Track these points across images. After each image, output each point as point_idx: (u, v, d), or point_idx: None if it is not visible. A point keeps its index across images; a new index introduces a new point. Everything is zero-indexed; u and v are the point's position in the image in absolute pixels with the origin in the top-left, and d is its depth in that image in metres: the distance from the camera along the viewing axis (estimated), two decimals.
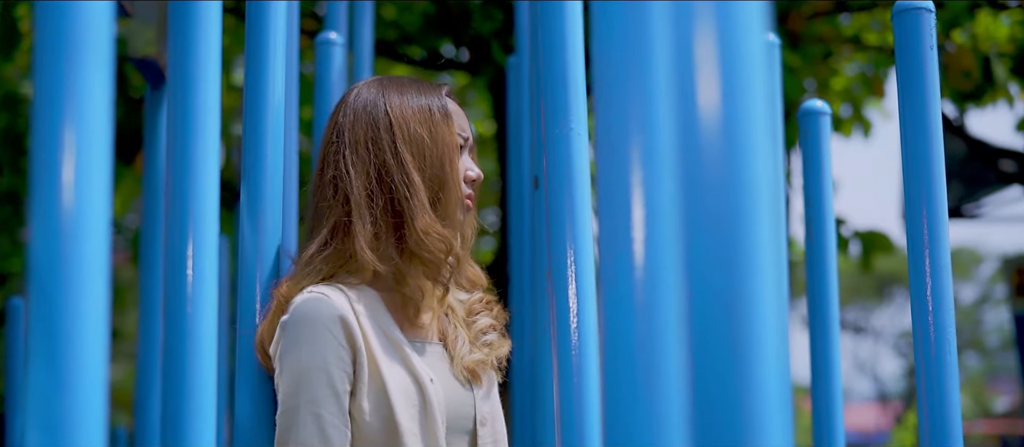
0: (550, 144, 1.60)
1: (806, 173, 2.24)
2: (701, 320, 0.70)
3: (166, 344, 1.31)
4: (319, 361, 1.62)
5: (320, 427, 1.60)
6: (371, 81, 1.82)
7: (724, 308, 0.69)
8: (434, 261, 1.74)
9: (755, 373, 0.67)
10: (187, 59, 1.34)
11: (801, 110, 2.26)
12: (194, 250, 1.32)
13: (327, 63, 2.49)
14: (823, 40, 6.12)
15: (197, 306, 1.31)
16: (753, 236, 0.70)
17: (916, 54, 1.73)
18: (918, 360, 1.70)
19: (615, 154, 0.77)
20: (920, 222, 1.70)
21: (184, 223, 1.32)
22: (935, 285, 1.68)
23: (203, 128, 1.34)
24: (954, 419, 1.68)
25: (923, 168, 1.71)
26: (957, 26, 5.55)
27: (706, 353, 0.69)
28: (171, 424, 1.29)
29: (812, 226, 2.22)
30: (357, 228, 1.71)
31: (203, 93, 1.34)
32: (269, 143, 1.78)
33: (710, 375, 0.68)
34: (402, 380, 1.69)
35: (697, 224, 0.71)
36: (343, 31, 2.92)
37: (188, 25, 1.34)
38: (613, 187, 0.78)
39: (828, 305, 2.21)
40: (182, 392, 1.30)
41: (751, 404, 0.67)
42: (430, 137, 1.75)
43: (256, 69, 1.77)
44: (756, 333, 0.68)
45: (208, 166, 1.34)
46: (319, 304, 1.66)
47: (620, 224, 0.77)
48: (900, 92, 1.73)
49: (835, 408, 2.21)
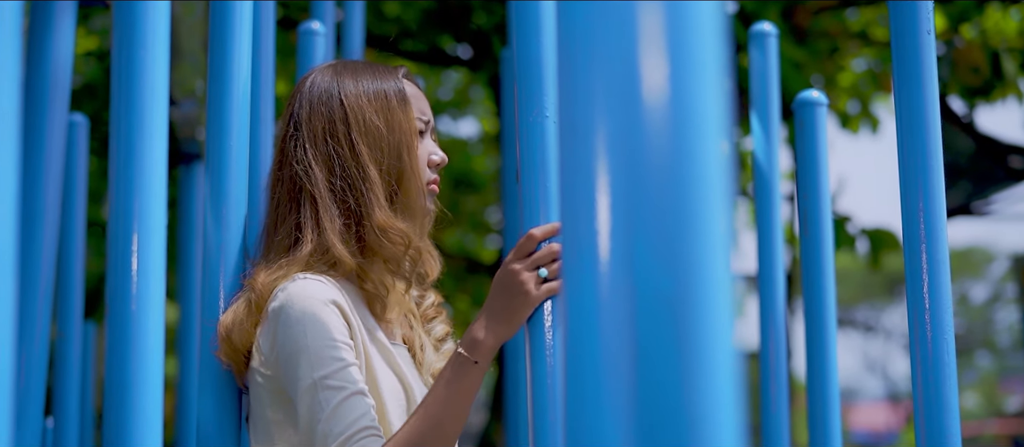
0: (524, 131, 1.54)
1: (802, 165, 2.19)
2: (645, 314, 0.64)
3: (110, 343, 1.24)
4: (325, 337, 1.57)
5: (342, 398, 1.55)
6: (325, 68, 1.78)
7: (667, 299, 0.63)
8: (394, 257, 1.70)
9: (700, 364, 0.61)
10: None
11: (797, 101, 2.20)
12: (139, 244, 1.25)
13: (309, 53, 2.44)
14: (830, 35, 6.06)
15: (141, 304, 1.24)
16: (699, 225, 0.66)
17: (912, 37, 1.65)
18: (914, 360, 1.62)
19: (575, 139, 0.72)
20: (916, 214, 1.62)
21: (129, 214, 1.25)
22: (932, 280, 1.60)
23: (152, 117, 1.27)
24: (952, 424, 1.60)
25: (919, 155, 1.63)
26: (966, 21, 5.48)
27: (649, 347, 0.64)
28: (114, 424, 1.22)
29: (808, 220, 2.16)
30: (325, 222, 1.66)
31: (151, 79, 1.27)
32: (234, 132, 1.72)
33: (653, 368, 0.64)
34: (389, 378, 1.66)
35: (639, 213, 0.67)
36: (331, 22, 2.87)
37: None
38: (573, 176, 0.73)
39: (824, 300, 2.15)
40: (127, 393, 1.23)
41: (697, 400, 0.60)
42: (387, 126, 1.71)
43: (220, 57, 1.72)
44: (702, 326, 0.63)
45: (155, 154, 1.27)
46: (315, 287, 1.61)
47: (582, 217, 0.71)
48: (896, 77, 1.65)
49: (831, 406, 2.15)
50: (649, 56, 0.68)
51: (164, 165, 1.28)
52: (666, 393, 0.63)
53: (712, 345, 0.62)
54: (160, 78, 1.28)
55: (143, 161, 1.27)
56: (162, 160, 1.28)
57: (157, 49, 1.29)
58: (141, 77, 1.28)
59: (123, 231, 1.26)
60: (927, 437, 1.62)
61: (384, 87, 1.74)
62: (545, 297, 1.57)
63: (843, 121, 6.78)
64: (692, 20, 0.68)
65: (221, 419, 1.67)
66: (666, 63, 0.68)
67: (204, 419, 1.66)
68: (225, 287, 1.70)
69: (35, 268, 2.04)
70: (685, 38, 0.68)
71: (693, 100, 0.67)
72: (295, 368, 1.57)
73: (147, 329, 1.25)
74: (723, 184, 0.67)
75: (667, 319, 0.63)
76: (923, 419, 1.62)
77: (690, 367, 0.62)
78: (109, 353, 1.25)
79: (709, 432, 0.61)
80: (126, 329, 1.25)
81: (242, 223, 1.73)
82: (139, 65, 1.27)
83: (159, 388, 1.25)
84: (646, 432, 0.63)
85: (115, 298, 1.26)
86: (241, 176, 1.73)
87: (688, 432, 0.61)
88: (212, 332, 1.69)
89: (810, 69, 5.91)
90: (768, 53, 2.46)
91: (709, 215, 0.65)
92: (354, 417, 1.54)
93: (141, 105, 1.27)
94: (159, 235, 1.27)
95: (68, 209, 2.60)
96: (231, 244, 1.71)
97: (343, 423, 1.54)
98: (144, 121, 1.27)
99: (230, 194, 1.71)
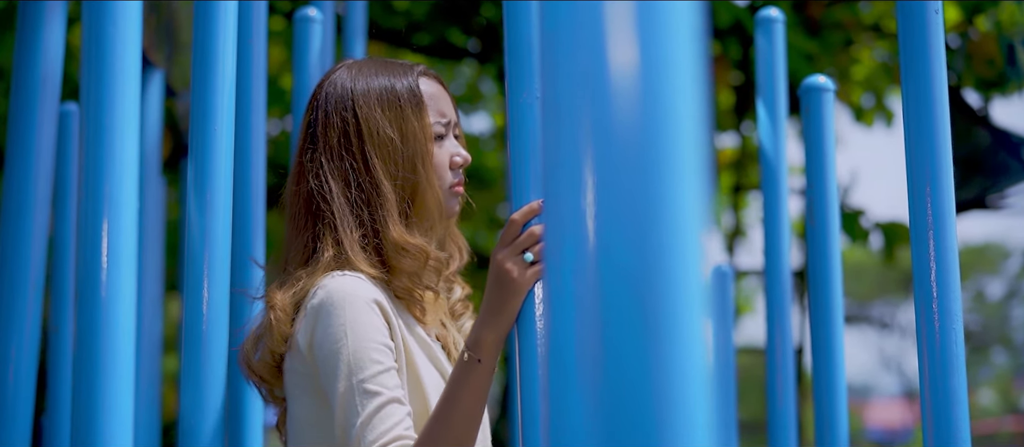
0: (513, 113, 1.50)
1: (808, 152, 2.14)
2: (614, 296, 0.62)
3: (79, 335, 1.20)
4: (365, 338, 1.56)
5: (378, 404, 1.53)
6: (340, 72, 1.75)
7: (640, 279, 0.60)
8: (413, 271, 1.68)
9: (670, 357, 0.56)
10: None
11: (803, 86, 2.15)
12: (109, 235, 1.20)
13: (305, 40, 2.40)
14: (843, 27, 6.00)
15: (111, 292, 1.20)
16: (671, 205, 0.63)
17: (920, 20, 1.59)
18: (921, 355, 1.57)
19: (559, 126, 0.71)
20: (924, 199, 1.57)
21: (99, 209, 1.21)
22: (939, 268, 1.55)
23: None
24: (961, 417, 1.55)
25: (927, 138, 1.58)
26: (981, 13, 5.42)
27: (617, 326, 0.62)
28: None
29: (814, 208, 2.11)
30: (343, 236, 1.65)
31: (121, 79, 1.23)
32: (219, 119, 1.67)
33: (620, 345, 0.62)
34: (431, 373, 1.65)
35: (609, 199, 0.66)
36: (330, 10, 2.83)
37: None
38: (555, 156, 0.71)
39: (831, 291, 2.11)
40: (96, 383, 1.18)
41: (666, 392, 0.56)
42: (401, 136, 1.69)
43: (204, 41, 1.68)
44: (672, 318, 0.60)
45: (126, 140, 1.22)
46: (357, 284, 1.60)
47: (564, 198, 0.70)
48: (902, 59, 1.60)
49: (838, 400, 2.10)
50: (622, 36, 0.67)
51: (135, 151, 1.23)
52: (634, 377, 0.60)
53: (680, 323, 0.60)
54: (131, 62, 1.24)
55: (113, 147, 1.23)
56: (133, 146, 1.24)
57: (128, 33, 1.24)
58: (111, 60, 1.24)
59: (93, 218, 1.22)
60: (935, 434, 1.57)
61: (399, 93, 1.71)
62: (534, 281, 1.53)
63: (857, 115, 6.72)
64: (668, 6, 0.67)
65: (203, 413, 1.63)
66: (639, 44, 0.67)
67: (186, 413, 1.62)
68: (209, 275, 1.65)
69: (25, 260, 2.01)
70: (661, 21, 0.67)
71: (667, 80, 0.66)
72: (334, 368, 1.56)
73: (117, 317, 1.21)
74: (698, 159, 0.64)
75: (636, 300, 0.61)
76: (931, 416, 1.57)
77: (658, 345, 0.60)
78: (79, 343, 1.21)
79: (679, 417, 0.57)
80: (95, 316, 1.21)
81: (227, 211, 1.69)
82: (109, 47, 1.23)
83: (129, 378, 1.21)
84: (615, 415, 0.61)
85: (85, 286, 1.21)
86: (226, 163, 1.68)
87: (656, 415, 0.57)
88: (197, 323, 1.65)
89: (823, 62, 5.85)
90: (774, 39, 2.41)
91: (682, 194, 0.63)
92: (388, 425, 1.53)
93: (112, 89, 1.23)
94: (130, 222, 1.23)
95: (61, 200, 2.57)
96: (215, 232, 1.66)
97: (376, 431, 1.52)
98: (115, 105, 1.23)
99: (214, 181, 1.67)
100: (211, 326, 1.64)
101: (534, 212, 1.54)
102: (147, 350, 2.85)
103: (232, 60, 1.71)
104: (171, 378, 6.76)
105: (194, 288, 1.65)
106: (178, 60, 3.29)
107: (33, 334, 2.02)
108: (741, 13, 5.03)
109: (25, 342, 2.00)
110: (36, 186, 2.04)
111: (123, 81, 1.25)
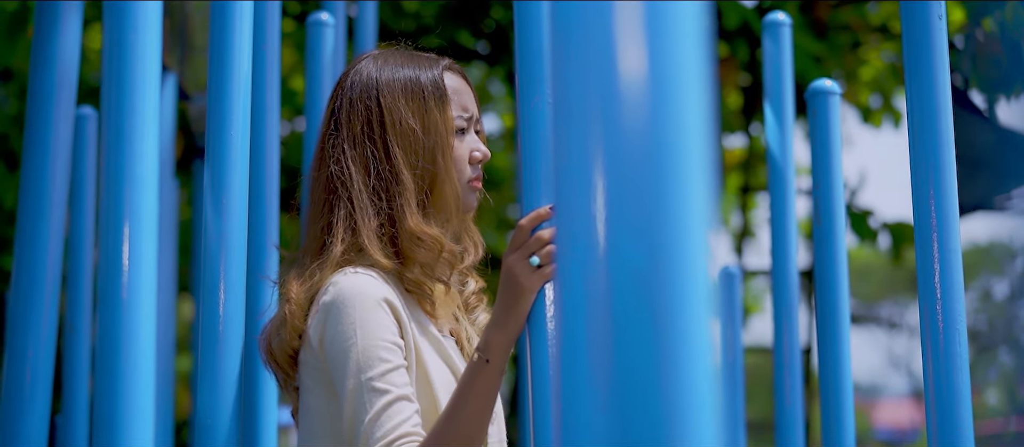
0: (525, 115, 1.51)
1: (815, 154, 2.16)
2: (622, 294, 0.63)
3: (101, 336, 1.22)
4: (374, 336, 1.57)
5: (386, 402, 1.54)
6: (366, 61, 1.76)
7: (647, 278, 0.61)
8: (428, 262, 1.69)
9: (678, 357, 0.58)
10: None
11: (810, 89, 2.17)
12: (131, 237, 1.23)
13: (318, 44, 2.42)
14: (850, 29, 6.01)
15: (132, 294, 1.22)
16: (678, 214, 0.65)
17: (924, 23, 1.61)
18: (925, 355, 1.58)
19: (569, 128, 0.72)
20: (928, 204, 1.58)
21: (119, 211, 1.23)
22: (944, 271, 1.57)
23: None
24: (965, 419, 1.56)
25: (930, 138, 1.59)
26: (987, 14, 5.42)
27: (627, 324, 0.63)
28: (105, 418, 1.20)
29: (821, 209, 2.12)
30: (360, 223, 1.66)
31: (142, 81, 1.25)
32: (235, 120, 1.70)
33: (630, 344, 0.63)
34: (441, 371, 1.66)
35: (618, 200, 0.67)
36: (342, 14, 2.85)
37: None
38: (567, 158, 0.73)
39: (838, 291, 2.12)
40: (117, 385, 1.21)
41: (674, 390, 0.58)
42: (422, 127, 1.70)
43: (220, 42, 1.70)
44: (680, 318, 0.62)
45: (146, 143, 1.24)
46: (367, 282, 1.61)
47: (575, 200, 0.71)
48: (907, 62, 1.62)
49: (845, 400, 2.12)
50: (631, 39, 0.68)
51: (155, 154, 1.26)
52: (643, 377, 0.61)
53: (688, 324, 0.61)
54: (152, 66, 1.26)
55: (134, 150, 1.25)
56: (153, 149, 1.26)
57: (149, 36, 1.27)
58: (132, 65, 1.26)
59: (114, 220, 1.25)
60: (939, 433, 1.58)
61: (423, 85, 1.72)
62: (541, 284, 1.55)
63: (865, 116, 6.72)
64: (675, 8, 0.69)
65: (218, 412, 1.66)
66: (647, 47, 0.68)
67: (201, 412, 1.65)
68: (225, 276, 1.68)
69: (41, 261, 2.03)
70: (669, 23, 0.68)
71: (676, 83, 0.67)
72: (343, 365, 1.57)
73: (138, 319, 1.23)
74: (706, 161, 0.65)
75: (644, 299, 0.62)
76: (935, 416, 1.59)
77: (666, 345, 0.61)
78: (100, 343, 1.23)
79: (687, 417, 0.59)
80: (117, 318, 1.23)
81: (243, 212, 1.71)
82: (130, 52, 1.25)
83: (150, 378, 1.23)
84: (625, 415, 0.62)
85: (106, 287, 1.24)
86: (242, 166, 1.71)
87: (665, 415, 0.59)
88: (213, 324, 1.67)
89: (830, 63, 5.86)
90: (782, 43, 2.43)
91: (690, 195, 0.65)
92: (395, 423, 1.54)
93: (132, 93, 1.25)
94: (150, 225, 1.25)
95: (77, 202, 2.60)
96: (231, 234, 1.69)
97: (384, 428, 1.53)
98: (135, 108, 1.25)
99: (231, 184, 1.69)
100: (227, 326, 1.67)
101: (542, 217, 1.56)
102: (161, 350, 2.87)
103: (248, 63, 1.73)
104: (182, 378, 6.78)
105: (210, 289, 1.67)
106: (191, 63, 3.32)
107: (50, 334, 2.04)
108: (749, 14, 5.05)
109: (42, 342, 2.03)
110: (52, 188, 2.06)
111: (143, 84, 1.27)
